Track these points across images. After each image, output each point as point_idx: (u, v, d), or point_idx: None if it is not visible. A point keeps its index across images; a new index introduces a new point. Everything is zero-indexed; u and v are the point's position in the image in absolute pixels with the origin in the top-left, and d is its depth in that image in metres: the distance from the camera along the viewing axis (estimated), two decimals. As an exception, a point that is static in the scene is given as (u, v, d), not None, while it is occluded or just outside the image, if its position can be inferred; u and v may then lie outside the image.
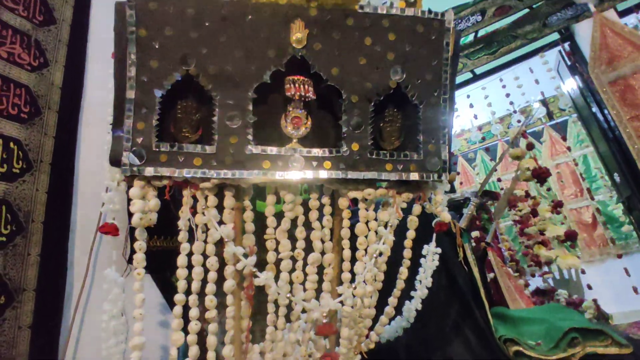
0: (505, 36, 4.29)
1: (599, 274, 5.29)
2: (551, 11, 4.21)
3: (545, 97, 5.97)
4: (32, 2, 1.64)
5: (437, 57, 1.10)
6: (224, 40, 1.02)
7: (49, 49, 1.67)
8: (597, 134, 4.47)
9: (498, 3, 4.31)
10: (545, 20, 4.25)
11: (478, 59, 4.35)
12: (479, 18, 4.37)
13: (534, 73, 4.41)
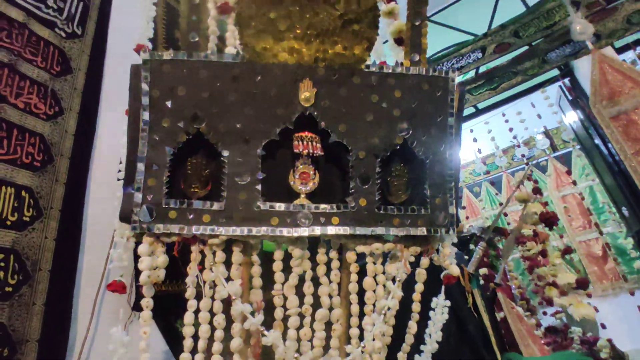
0: (505, 72, 4.39)
1: (613, 309, 5.14)
2: (550, 48, 4.32)
3: (548, 129, 6.03)
4: (50, 54, 1.72)
5: (442, 113, 1.12)
6: (234, 99, 1.05)
7: (64, 97, 1.72)
8: (602, 166, 4.46)
9: (497, 40, 4.43)
10: (544, 56, 4.35)
11: (480, 94, 4.44)
12: (479, 55, 4.49)
13: (535, 108, 4.48)
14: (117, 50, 2.02)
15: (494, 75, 4.40)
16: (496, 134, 4.82)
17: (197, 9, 1.03)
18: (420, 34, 1.12)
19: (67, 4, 1.86)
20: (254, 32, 1.04)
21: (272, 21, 1.04)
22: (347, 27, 1.06)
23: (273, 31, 1.04)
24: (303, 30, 1.05)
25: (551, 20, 4.28)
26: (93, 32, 1.96)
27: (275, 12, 1.03)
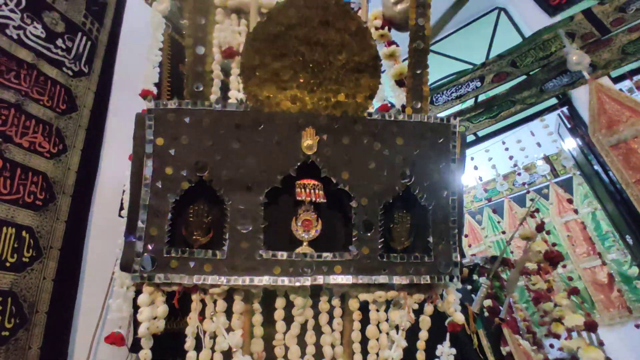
0: (504, 101, 4.44)
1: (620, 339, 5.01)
2: (547, 78, 4.39)
3: (548, 155, 6.05)
4: (57, 92, 1.75)
5: (444, 160, 1.12)
6: (237, 147, 1.06)
7: (69, 135, 1.74)
8: (603, 194, 4.46)
9: (495, 70, 4.51)
10: (542, 86, 4.42)
11: (480, 123, 4.48)
12: (478, 84, 4.56)
13: (535, 136, 4.51)
14: (122, 86, 2.06)
15: (493, 104, 4.46)
16: (496, 161, 4.84)
17: (201, 60, 1.05)
18: (421, 82, 1.14)
19: (76, 43, 1.91)
20: (257, 82, 1.06)
21: (275, 71, 1.06)
22: (349, 76, 1.08)
23: (276, 80, 1.06)
24: (306, 80, 1.07)
25: (547, 51, 4.37)
26: (99, 69, 2.00)
27: (279, 62, 1.06)
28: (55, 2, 1.89)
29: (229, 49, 1.35)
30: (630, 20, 4.19)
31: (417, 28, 1.14)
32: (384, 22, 1.58)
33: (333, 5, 1.04)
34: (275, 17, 1.03)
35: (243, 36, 1.44)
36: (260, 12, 1.51)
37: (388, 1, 1.59)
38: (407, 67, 1.17)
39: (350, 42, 1.06)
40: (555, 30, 4.32)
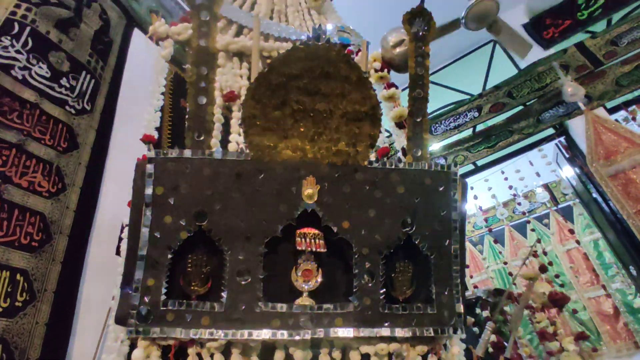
0: (502, 131, 4.49)
1: (629, 372, 4.87)
2: (543, 108, 4.45)
3: (548, 183, 6.06)
4: (58, 131, 1.76)
5: (445, 208, 1.12)
6: (237, 196, 1.05)
7: (69, 173, 1.74)
8: (604, 223, 4.43)
9: (492, 100, 4.58)
10: (538, 116, 4.47)
11: (478, 152, 4.51)
12: (475, 114, 4.62)
13: (534, 165, 4.53)
14: (123, 123, 2.07)
15: (491, 134, 4.50)
16: (496, 190, 4.84)
17: (203, 109, 1.06)
18: (421, 130, 1.15)
19: (80, 82, 1.94)
20: (258, 131, 1.06)
21: (277, 120, 1.06)
22: (350, 125, 1.08)
23: (277, 129, 1.07)
24: (307, 129, 1.07)
25: (543, 82, 4.45)
26: (102, 107, 2.03)
27: (280, 112, 1.07)
28: (62, 42, 1.93)
29: (230, 93, 1.37)
30: (622, 53, 4.29)
31: (416, 77, 1.16)
32: (383, 65, 1.61)
33: (334, 56, 1.06)
34: (277, 67, 1.05)
35: (244, 79, 1.47)
36: (262, 55, 1.54)
37: (387, 44, 1.62)
38: (407, 114, 1.18)
39: (351, 92, 1.07)
40: (549, 63, 4.43)
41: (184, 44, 1.48)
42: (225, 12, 1.61)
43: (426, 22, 1.19)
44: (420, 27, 1.18)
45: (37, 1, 1.89)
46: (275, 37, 1.59)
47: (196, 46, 1.04)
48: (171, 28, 1.45)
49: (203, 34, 1.04)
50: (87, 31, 2.10)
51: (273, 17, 1.70)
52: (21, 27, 1.76)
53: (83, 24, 2.10)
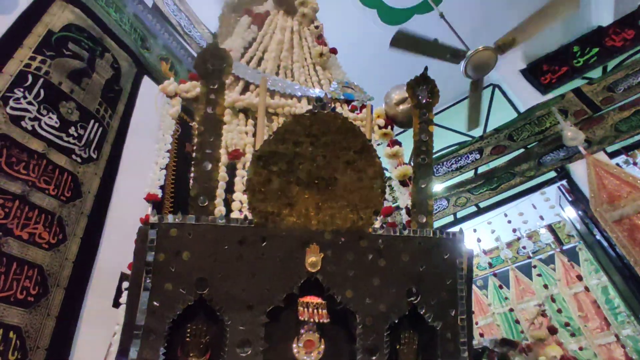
0: (504, 173, 4.51)
1: None
2: (544, 152, 4.48)
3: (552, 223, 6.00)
4: (63, 181, 1.77)
5: (451, 276, 1.09)
6: (239, 264, 1.03)
7: (70, 223, 1.73)
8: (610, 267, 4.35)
9: (493, 143, 4.63)
10: (539, 159, 4.50)
11: (481, 194, 4.50)
12: (477, 156, 4.65)
13: (537, 209, 4.51)
14: (128, 170, 2.09)
15: (493, 176, 4.52)
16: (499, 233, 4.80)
17: (208, 175, 1.06)
18: (426, 196, 1.14)
19: (88, 131, 1.97)
20: (262, 197, 1.06)
21: (281, 187, 1.06)
22: (354, 192, 1.08)
23: (282, 196, 1.07)
24: (311, 196, 1.07)
25: (542, 126, 4.52)
26: (108, 154, 2.05)
27: (285, 179, 1.07)
28: (73, 92, 1.98)
29: (235, 152, 1.38)
30: (619, 99, 4.38)
31: (420, 143, 1.17)
32: (386, 121, 1.63)
33: (339, 124, 1.08)
34: (282, 135, 1.06)
35: (250, 136, 1.49)
36: (268, 112, 1.58)
37: (390, 101, 1.66)
38: (412, 180, 1.18)
39: (356, 159, 1.08)
40: (548, 107, 4.51)
41: (193, 101, 1.51)
42: (233, 69, 1.66)
43: (430, 90, 1.22)
44: (423, 95, 1.21)
45: (52, 53, 1.96)
46: (281, 93, 1.63)
47: (204, 113, 1.06)
48: (180, 86, 1.49)
49: (211, 101, 1.07)
50: (98, 80, 2.16)
51: (279, 73, 1.75)
52: (34, 78, 1.82)
53: (95, 73, 2.17)
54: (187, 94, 1.48)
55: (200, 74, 1.07)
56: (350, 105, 1.72)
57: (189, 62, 3.05)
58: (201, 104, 1.07)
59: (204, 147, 1.06)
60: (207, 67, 1.08)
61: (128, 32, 2.56)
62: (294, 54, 1.84)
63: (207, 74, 1.07)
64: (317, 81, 1.77)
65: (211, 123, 1.07)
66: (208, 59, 1.08)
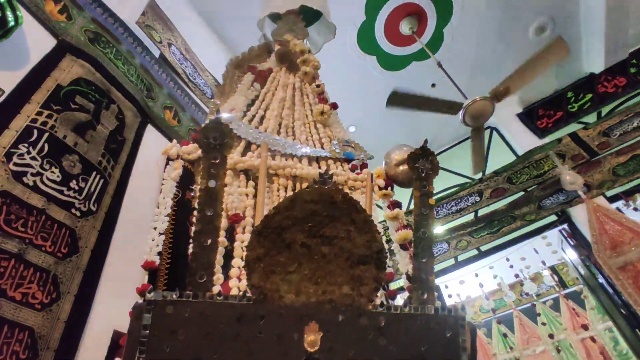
0: (504, 216, 4.49)
1: None
2: (544, 195, 4.49)
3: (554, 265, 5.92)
4: (60, 236, 1.75)
5: (454, 354, 1.06)
6: (236, 343, 1.00)
7: (65, 280, 1.70)
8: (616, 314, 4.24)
9: (492, 186, 4.65)
10: (539, 203, 4.50)
11: (481, 237, 4.46)
12: (477, 198, 4.66)
13: (539, 254, 4.46)
14: (127, 222, 2.08)
15: (493, 219, 4.50)
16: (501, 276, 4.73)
17: (208, 250, 1.05)
18: (427, 271, 1.13)
19: (89, 183, 1.98)
20: (261, 273, 1.04)
21: (280, 263, 1.05)
22: (355, 268, 1.07)
23: (281, 272, 1.05)
24: (311, 272, 1.06)
25: (541, 170, 4.56)
26: (107, 206, 2.05)
27: (284, 254, 1.06)
28: (77, 145, 2.01)
29: (235, 216, 1.38)
30: (615, 144, 4.44)
31: (421, 216, 1.17)
32: (386, 181, 1.64)
33: (339, 199, 1.08)
34: (282, 210, 1.06)
35: (250, 199, 1.49)
36: (269, 173, 1.59)
37: (391, 161, 1.67)
38: (413, 256, 1.17)
39: (356, 235, 1.07)
40: (545, 151, 4.57)
41: (195, 162, 1.53)
42: (234, 128, 1.69)
43: (429, 162, 1.24)
44: (424, 166, 1.22)
45: (59, 107, 2.00)
46: (282, 153, 1.65)
47: (204, 187, 1.07)
48: (182, 148, 1.51)
49: (212, 175, 1.08)
50: (102, 132, 2.20)
51: (280, 132, 1.78)
52: (39, 133, 1.85)
53: (100, 125, 2.20)
54: (189, 155, 1.50)
55: (202, 148, 1.09)
56: (351, 164, 1.73)
57: (192, 109, 3.11)
58: (203, 178, 1.08)
59: (204, 223, 1.06)
60: (209, 141, 1.09)
61: (135, 82, 2.63)
62: (295, 112, 1.88)
63: (209, 148, 1.09)
64: (318, 139, 1.79)
65: (211, 197, 1.07)
66: (210, 134, 1.10)
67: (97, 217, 1.97)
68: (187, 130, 2.95)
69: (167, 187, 1.40)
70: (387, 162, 1.69)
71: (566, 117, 5.04)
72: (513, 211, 4.48)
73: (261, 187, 1.41)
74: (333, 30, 2.63)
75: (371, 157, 1.79)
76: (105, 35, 2.59)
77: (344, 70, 4.66)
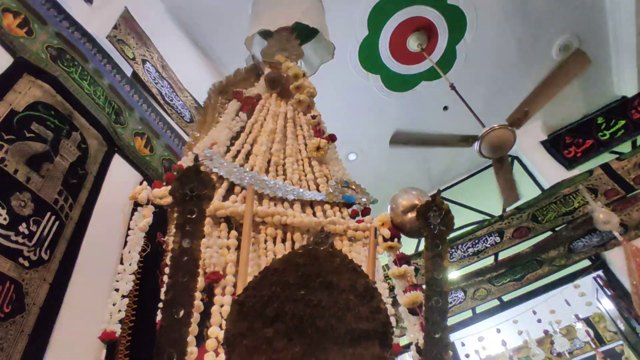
0: (529, 261, 4.46)
1: None
2: (574, 236, 4.48)
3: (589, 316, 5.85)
4: (4, 292, 1.70)
5: None
6: None
7: (6, 347, 1.63)
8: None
9: (515, 224, 4.64)
10: (569, 245, 4.49)
11: (503, 286, 4.42)
12: (497, 239, 4.64)
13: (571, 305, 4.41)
14: (84, 273, 2.03)
15: (516, 264, 4.47)
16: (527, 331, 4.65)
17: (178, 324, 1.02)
18: (442, 348, 1.10)
19: (41, 226, 1.94)
20: (244, 351, 1.01)
21: (267, 338, 1.02)
22: (354, 344, 1.04)
23: (268, 350, 1.01)
24: (303, 348, 1.02)
25: (570, 206, 4.57)
26: (62, 253, 2.00)
27: (272, 328, 1.02)
28: (29, 181, 1.98)
29: (214, 274, 1.35)
30: (654, 178, 4.49)
31: (433, 282, 1.15)
32: (392, 231, 1.63)
33: (337, 263, 1.06)
34: (270, 276, 1.04)
35: (232, 252, 1.46)
36: (255, 221, 1.57)
37: (397, 207, 1.66)
38: (424, 331, 1.14)
39: (357, 305, 1.04)
40: (575, 185, 4.59)
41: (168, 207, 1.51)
42: (215, 167, 1.68)
43: (442, 216, 1.23)
44: (435, 222, 1.21)
45: (12, 137, 1.99)
46: (270, 197, 1.64)
47: (178, 248, 1.04)
48: (153, 191, 1.49)
49: (188, 233, 1.06)
50: (61, 165, 2.18)
51: (269, 170, 1.78)
52: (-14, 168, 1.83)
53: (59, 156, 2.19)
54: (161, 200, 1.48)
55: (176, 200, 1.07)
56: (351, 210, 1.72)
57: (167, 135, 3.12)
58: (176, 236, 1.05)
59: (176, 290, 1.03)
60: (185, 192, 1.08)
61: (102, 106, 2.65)
62: (287, 147, 1.89)
63: (185, 201, 1.07)
64: (313, 179, 1.79)
65: (186, 260, 1.05)
66: (187, 183, 1.08)
67: (49, 267, 1.92)
68: (161, 160, 2.95)
69: (133, 239, 1.37)
70: (392, 207, 1.68)
71: (597, 145, 5.12)
72: (539, 255, 4.46)
73: (246, 238, 1.39)
74: (332, 50, 2.68)
75: (375, 200, 1.78)
76: (70, 52, 2.62)
77: (344, 91, 4.75)
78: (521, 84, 4.97)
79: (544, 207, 4.62)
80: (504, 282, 4.43)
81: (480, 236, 4.66)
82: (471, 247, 4.66)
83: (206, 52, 4.36)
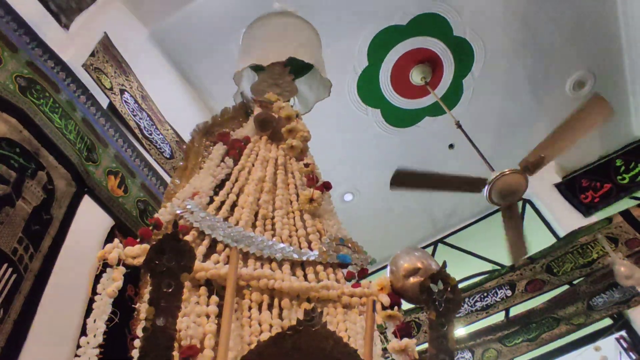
0: (544, 318, 4.42)
1: None
2: (594, 291, 4.47)
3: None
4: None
5: None
6: None
7: None
8: None
9: (528, 276, 4.63)
10: (589, 301, 4.46)
11: (516, 346, 4.36)
12: (508, 292, 4.61)
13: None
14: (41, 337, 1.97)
15: (530, 321, 4.42)
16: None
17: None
18: None
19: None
20: None
21: None
22: None
23: None
24: None
25: (588, 257, 4.57)
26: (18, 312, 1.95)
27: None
28: (-16, 229, 1.95)
29: (190, 348, 1.32)
30: (680, 228, 4.53)
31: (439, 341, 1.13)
32: (392, 297, 1.61)
33: (330, 345, 1.04)
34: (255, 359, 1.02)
35: (212, 321, 1.43)
36: (239, 286, 1.55)
37: (398, 270, 1.65)
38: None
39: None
40: (593, 233, 4.61)
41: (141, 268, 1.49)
42: (196, 221, 1.67)
43: (449, 291, 1.22)
44: (440, 297, 1.20)
45: (-31, 178, 1.98)
46: (256, 257, 1.62)
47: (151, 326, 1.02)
48: (126, 250, 1.47)
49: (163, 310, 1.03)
50: (22, 209, 2.16)
51: (257, 224, 1.77)
52: (-62, 214, 1.80)
53: (21, 200, 2.17)
54: (134, 260, 1.46)
55: (152, 273, 1.06)
56: (347, 271, 1.71)
57: (144, 173, 3.12)
58: (149, 312, 1.03)
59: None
60: (162, 263, 1.06)
61: (73, 141, 2.65)
62: (277, 197, 1.89)
63: (161, 273, 1.06)
64: (305, 235, 1.78)
65: (160, 338, 1.02)
66: (163, 253, 1.07)
67: (2, 329, 1.87)
68: (136, 201, 2.93)
69: (100, 305, 1.34)
70: (393, 270, 1.67)
71: (616, 190, 5.19)
72: (555, 311, 4.43)
73: (228, 306, 1.37)
74: (328, 87, 2.73)
75: (373, 261, 1.78)
76: (41, 82, 2.64)
77: (340, 125, 4.81)
78: (532, 121, 5.08)
79: (559, 257, 4.63)
80: (516, 342, 4.37)
81: (490, 289, 4.63)
82: (479, 301, 4.62)
83: (191, 81, 4.43)
